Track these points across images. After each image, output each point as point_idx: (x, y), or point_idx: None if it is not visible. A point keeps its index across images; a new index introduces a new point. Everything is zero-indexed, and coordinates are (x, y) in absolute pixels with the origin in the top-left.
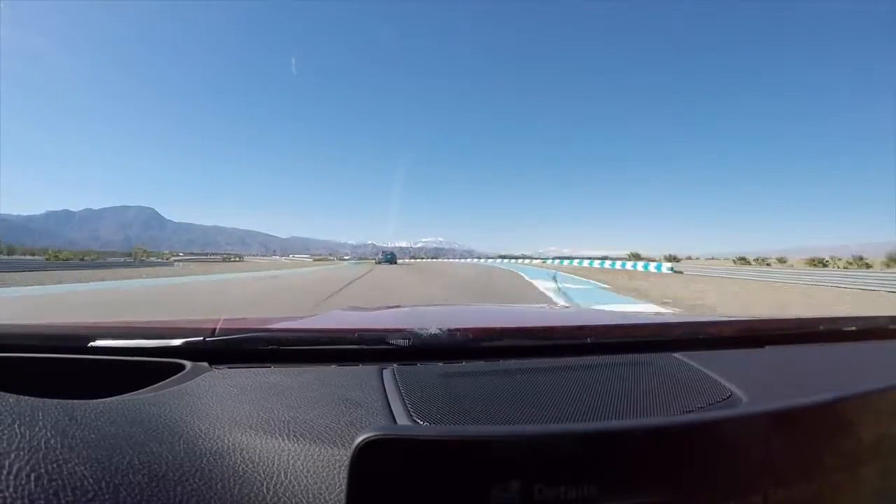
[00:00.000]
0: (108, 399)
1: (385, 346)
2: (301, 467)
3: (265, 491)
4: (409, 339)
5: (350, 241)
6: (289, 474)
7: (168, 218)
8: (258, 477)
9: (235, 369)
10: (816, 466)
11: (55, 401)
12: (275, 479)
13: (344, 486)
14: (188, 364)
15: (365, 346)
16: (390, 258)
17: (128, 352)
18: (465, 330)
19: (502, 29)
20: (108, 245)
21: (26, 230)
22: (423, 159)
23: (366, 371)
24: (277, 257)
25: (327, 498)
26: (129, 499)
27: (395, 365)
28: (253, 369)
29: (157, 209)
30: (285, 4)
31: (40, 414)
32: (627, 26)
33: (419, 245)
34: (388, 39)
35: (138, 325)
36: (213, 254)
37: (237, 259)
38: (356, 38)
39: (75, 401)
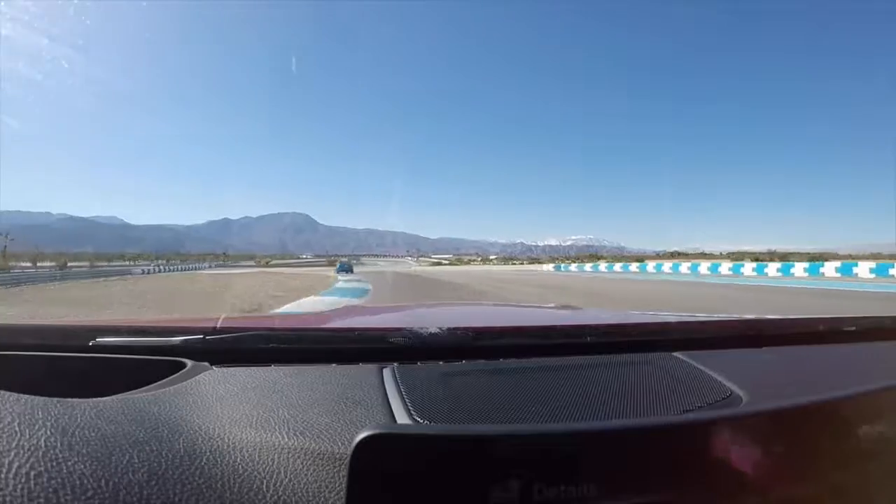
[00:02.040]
0: (108, 397)
1: (385, 345)
2: (301, 466)
3: (265, 489)
4: (408, 338)
5: (500, 241)
6: (289, 473)
7: (321, 222)
8: (258, 475)
9: (235, 368)
10: (816, 466)
11: (55, 399)
12: (275, 477)
13: (344, 485)
14: (188, 363)
15: (365, 345)
16: (346, 267)
17: (128, 350)
18: (465, 329)
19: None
20: (264, 249)
21: (189, 238)
22: (575, 151)
23: (366, 370)
24: (410, 259)
25: (327, 496)
26: (129, 497)
27: (395, 364)
28: (253, 368)
29: (310, 214)
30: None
31: (40, 412)
32: None
33: (568, 243)
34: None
35: (138, 323)
36: (335, 255)
37: (354, 260)
38: (517, 38)
39: (75, 399)
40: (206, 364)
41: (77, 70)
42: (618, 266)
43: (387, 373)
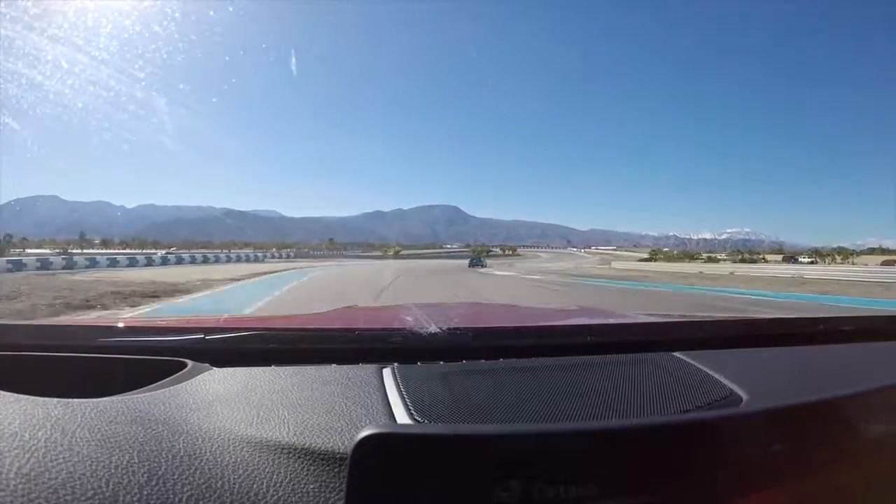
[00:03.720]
0: (109, 397)
1: (385, 346)
2: (301, 466)
3: (265, 489)
4: (408, 338)
5: (651, 233)
6: (289, 472)
7: (471, 214)
8: (258, 475)
9: (236, 368)
10: (816, 465)
11: (55, 399)
12: (275, 477)
13: (344, 485)
14: (189, 363)
15: (365, 345)
16: (478, 262)
17: (128, 350)
18: (466, 329)
19: None
20: (416, 239)
21: (343, 229)
22: (731, 140)
23: (366, 370)
24: (575, 249)
25: (327, 496)
26: (129, 497)
27: (395, 364)
28: (253, 368)
29: (460, 206)
30: None
31: (40, 412)
32: None
33: (724, 237)
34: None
35: (139, 323)
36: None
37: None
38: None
39: (75, 399)
40: (207, 364)
41: (231, 73)
42: None
43: (387, 373)
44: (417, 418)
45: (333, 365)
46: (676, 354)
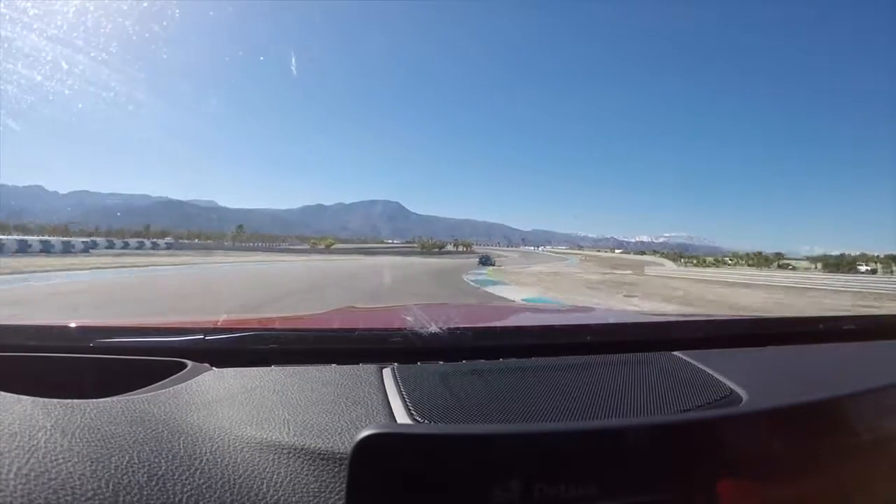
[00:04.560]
0: (109, 398)
1: (385, 346)
2: (301, 466)
3: (265, 489)
4: (408, 338)
5: (591, 235)
6: (289, 473)
7: (413, 211)
8: (258, 475)
9: (236, 368)
10: (816, 465)
11: (55, 400)
12: (275, 477)
13: (344, 485)
14: (189, 363)
15: (365, 346)
16: (486, 260)
17: (128, 351)
18: (466, 329)
19: None
20: (356, 234)
21: (283, 221)
22: (670, 148)
23: (366, 370)
24: (531, 248)
25: (327, 496)
26: (129, 498)
27: (395, 364)
28: (253, 368)
29: (402, 203)
30: None
31: (40, 413)
32: None
33: (661, 240)
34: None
35: (138, 324)
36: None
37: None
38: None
39: (75, 400)
40: (207, 364)
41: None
42: None
43: (387, 373)
44: (417, 418)
45: (333, 365)
46: (676, 354)
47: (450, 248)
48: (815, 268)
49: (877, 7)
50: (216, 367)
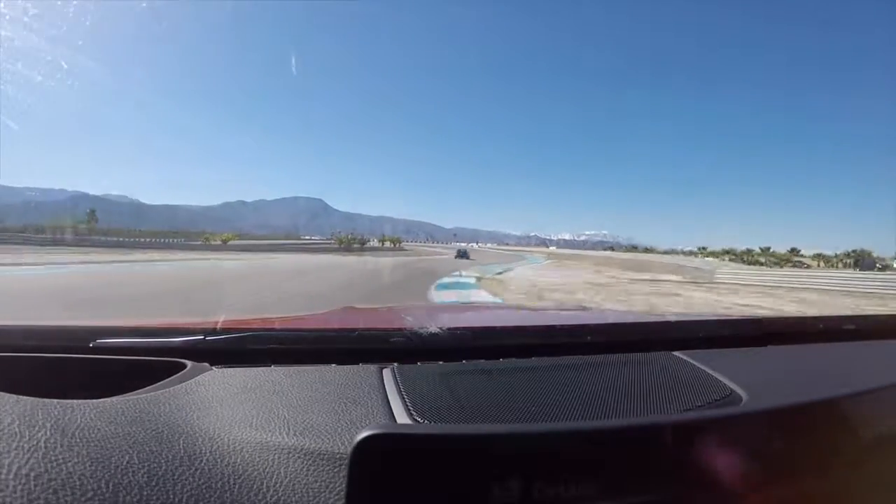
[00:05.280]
0: (108, 398)
1: (385, 346)
2: (301, 466)
3: (265, 489)
4: (408, 338)
5: (515, 233)
6: (289, 473)
7: (335, 208)
8: (258, 475)
9: (235, 368)
10: (817, 464)
11: (55, 400)
12: (275, 477)
13: (344, 485)
14: (188, 363)
15: (365, 346)
16: (464, 253)
17: (128, 351)
18: (466, 329)
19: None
20: (277, 231)
21: (204, 217)
22: (590, 148)
23: (366, 370)
24: (464, 244)
25: (327, 496)
26: (129, 498)
27: (395, 364)
28: (253, 369)
29: (325, 200)
30: None
31: (40, 413)
32: None
33: (583, 238)
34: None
35: (138, 324)
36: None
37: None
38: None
39: (75, 400)
40: (206, 365)
41: (86, 56)
42: None
43: (387, 373)
44: (417, 418)
45: (333, 365)
46: (676, 354)
47: (374, 244)
48: (819, 266)
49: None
50: (216, 367)
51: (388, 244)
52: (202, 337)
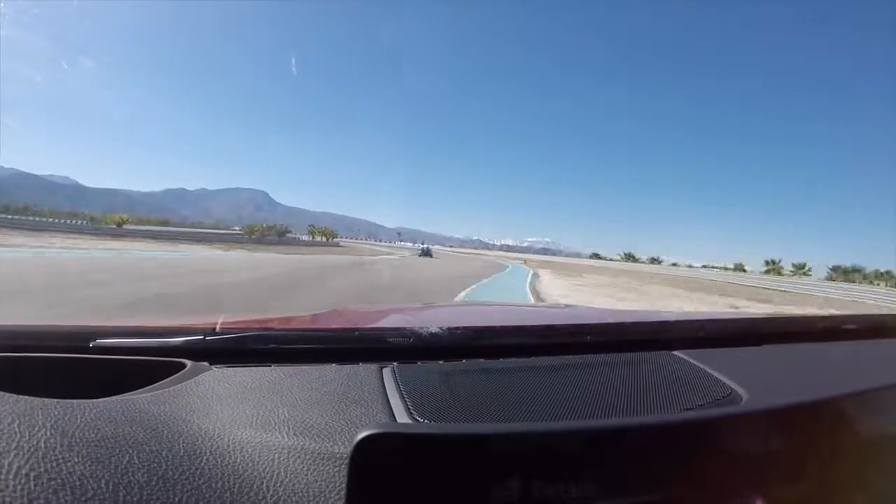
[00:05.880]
0: (108, 398)
1: (385, 345)
2: (301, 465)
3: (265, 489)
4: (408, 337)
5: (457, 236)
6: (289, 472)
7: (279, 202)
8: (258, 475)
9: (235, 368)
10: (816, 464)
11: (55, 400)
12: (275, 477)
13: (344, 484)
14: (188, 363)
15: (365, 345)
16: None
17: (127, 351)
18: (465, 328)
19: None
20: (219, 222)
21: (143, 204)
22: (534, 156)
23: (366, 370)
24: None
25: (327, 496)
26: (129, 498)
27: (394, 364)
28: (253, 368)
29: (269, 193)
30: None
31: (40, 413)
32: None
33: (525, 244)
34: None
35: (138, 324)
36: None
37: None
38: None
39: (75, 400)
40: (206, 364)
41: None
42: None
43: (387, 372)
44: (417, 418)
45: (333, 365)
46: (676, 353)
47: (303, 237)
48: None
49: None
50: (216, 367)
51: (320, 238)
52: (202, 337)
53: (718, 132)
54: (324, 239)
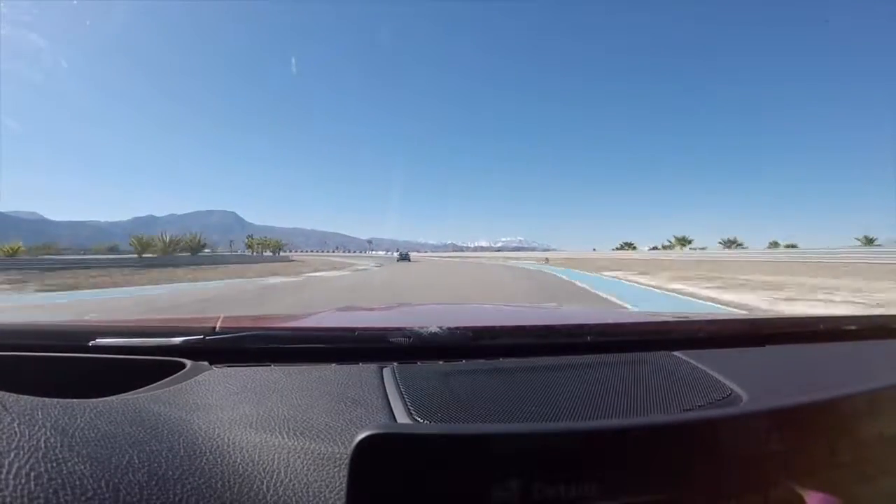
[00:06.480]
0: (108, 398)
1: (385, 345)
2: (301, 465)
3: (265, 489)
4: (409, 337)
5: (430, 242)
6: (289, 472)
7: (249, 221)
8: (258, 475)
9: (235, 368)
10: (816, 465)
11: (55, 400)
12: (275, 477)
13: (344, 484)
14: (188, 363)
15: (365, 345)
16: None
17: (128, 350)
18: (465, 328)
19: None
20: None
21: (111, 234)
22: (506, 155)
23: (366, 370)
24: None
25: (327, 496)
26: (129, 497)
27: (395, 363)
28: (253, 368)
29: (238, 213)
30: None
31: (40, 413)
32: None
33: (499, 244)
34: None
35: (138, 323)
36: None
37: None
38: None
39: (75, 400)
40: (206, 364)
41: None
42: None
43: (387, 372)
44: (417, 418)
45: (333, 365)
46: (676, 354)
47: (242, 251)
48: None
49: None
50: (216, 366)
51: (266, 252)
52: (202, 337)
53: (671, 112)
54: (270, 252)
